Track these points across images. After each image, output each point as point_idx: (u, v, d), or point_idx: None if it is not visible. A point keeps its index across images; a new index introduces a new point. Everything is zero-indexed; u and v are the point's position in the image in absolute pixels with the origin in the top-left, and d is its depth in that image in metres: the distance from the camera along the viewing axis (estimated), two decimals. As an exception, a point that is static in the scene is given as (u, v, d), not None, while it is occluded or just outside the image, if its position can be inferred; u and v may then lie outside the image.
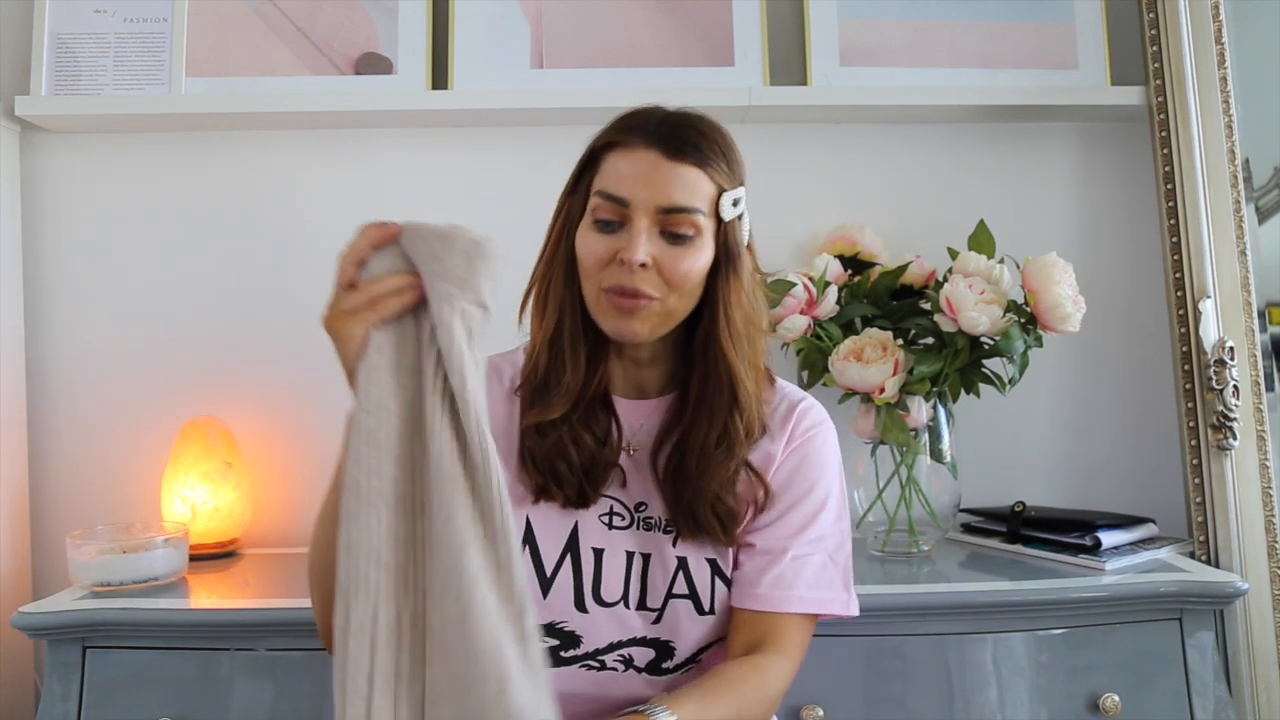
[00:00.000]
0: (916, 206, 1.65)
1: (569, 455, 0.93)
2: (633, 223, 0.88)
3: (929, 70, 1.61)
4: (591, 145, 0.93)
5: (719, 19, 1.61)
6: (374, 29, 1.60)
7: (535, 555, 0.94)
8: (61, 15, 1.57)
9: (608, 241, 0.89)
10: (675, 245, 0.88)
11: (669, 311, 0.91)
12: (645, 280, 0.88)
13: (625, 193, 0.88)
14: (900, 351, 1.37)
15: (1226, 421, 1.44)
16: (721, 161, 0.90)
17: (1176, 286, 1.50)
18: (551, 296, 0.94)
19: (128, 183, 1.63)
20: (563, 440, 0.93)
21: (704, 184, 0.89)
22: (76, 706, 1.20)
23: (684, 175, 0.88)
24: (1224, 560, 1.42)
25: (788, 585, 0.93)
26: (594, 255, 0.89)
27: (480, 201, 1.64)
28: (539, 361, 0.94)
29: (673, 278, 0.88)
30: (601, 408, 0.96)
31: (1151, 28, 1.54)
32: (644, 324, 0.90)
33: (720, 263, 0.91)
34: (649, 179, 0.87)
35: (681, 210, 0.88)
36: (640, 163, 0.88)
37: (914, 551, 1.43)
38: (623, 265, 0.87)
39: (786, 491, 0.96)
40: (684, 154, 0.88)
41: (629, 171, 0.88)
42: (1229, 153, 1.50)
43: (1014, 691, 1.23)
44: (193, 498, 1.50)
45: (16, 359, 1.57)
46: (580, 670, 0.94)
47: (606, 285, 0.89)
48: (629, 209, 0.88)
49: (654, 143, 0.88)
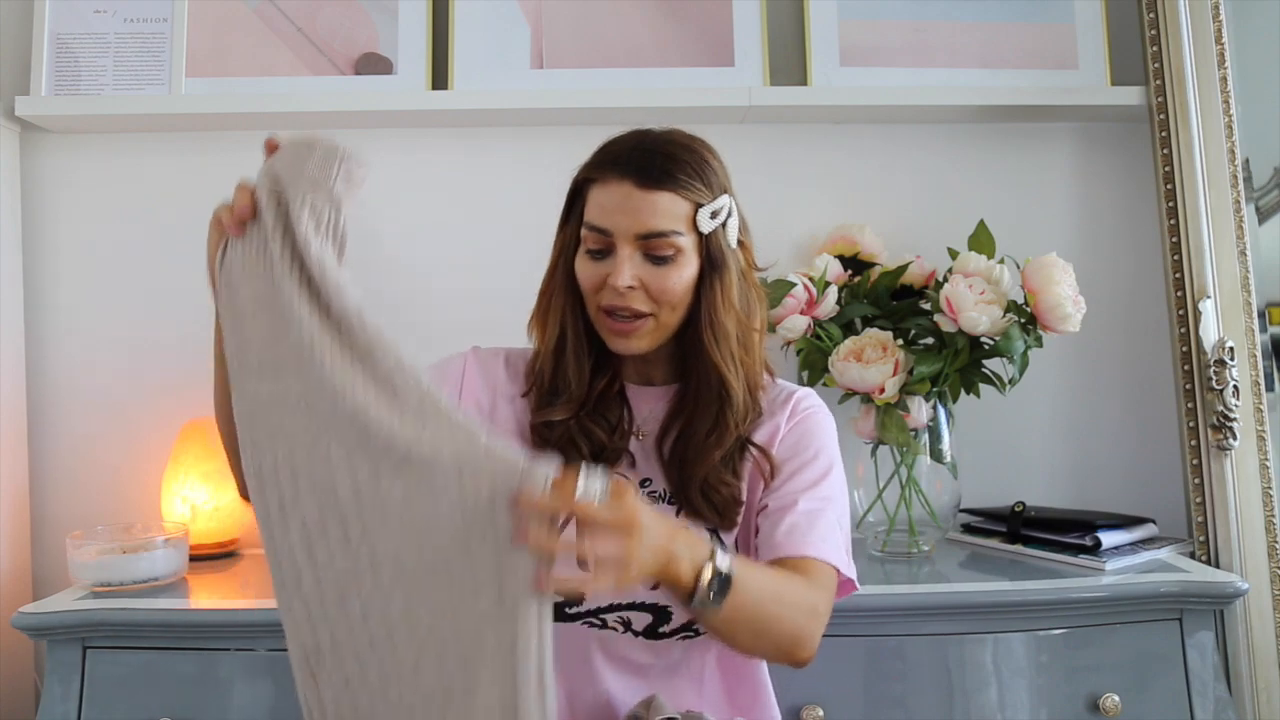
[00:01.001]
0: (916, 206, 1.65)
1: (577, 446, 0.99)
2: (617, 250, 0.95)
3: (929, 70, 1.61)
4: (575, 180, 1.01)
5: (719, 19, 1.61)
6: (374, 29, 1.60)
7: None
8: (61, 15, 1.57)
9: (598, 267, 0.97)
10: (658, 265, 0.95)
11: (663, 325, 0.98)
12: (635, 299, 0.96)
13: (607, 224, 0.95)
14: (900, 352, 1.37)
15: (1226, 422, 1.44)
16: (695, 180, 0.95)
17: (1176, 286, 1.50)
18: (552, 314, 1.02)
19: (128, 183, 1.62)
20: (570, 433, 1.00)
21: (678, 205, 0.95)
22: (76, 706, 1.20)
23: (656, 202, 0.94)
24: (1224, 560, 1.42)
25: (802, 533, 0.95)
26: (589, 281, 0.98)
27: (480, 201, 1.64)
28: (544, 369, 1.02)
29: (659, 295, 0.96)
30: (613, 397, 1.03)
31: (1151, 28, 1.54)
32: (641, 340, 0.98)
33: (705, 272, 0.98)
34: (625, 208, 0.94)
35: (658, 235, 0.94)
36: (616, 195, 0.95)
37: (914, 551, 1.43)
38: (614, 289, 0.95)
39: (793, 457, 1.01)
40: (657, 181, 0.94)
41: (608, 203, 0.96)
42: (1229, 153, 1.50)
43: (1014, 691, 1.23)
44: (193, 498, 1.50)
45: (16, 359, 1.57)
46: (583, 627, 0.98)
47: (604, 305, 0.97)
48: (612, 238, 0.95)
49: (627, 174, 0.95)
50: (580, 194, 1.00)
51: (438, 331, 1.61)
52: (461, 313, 1.60)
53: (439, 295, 1.63)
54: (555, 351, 1.01)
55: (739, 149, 1.04)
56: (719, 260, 0.97)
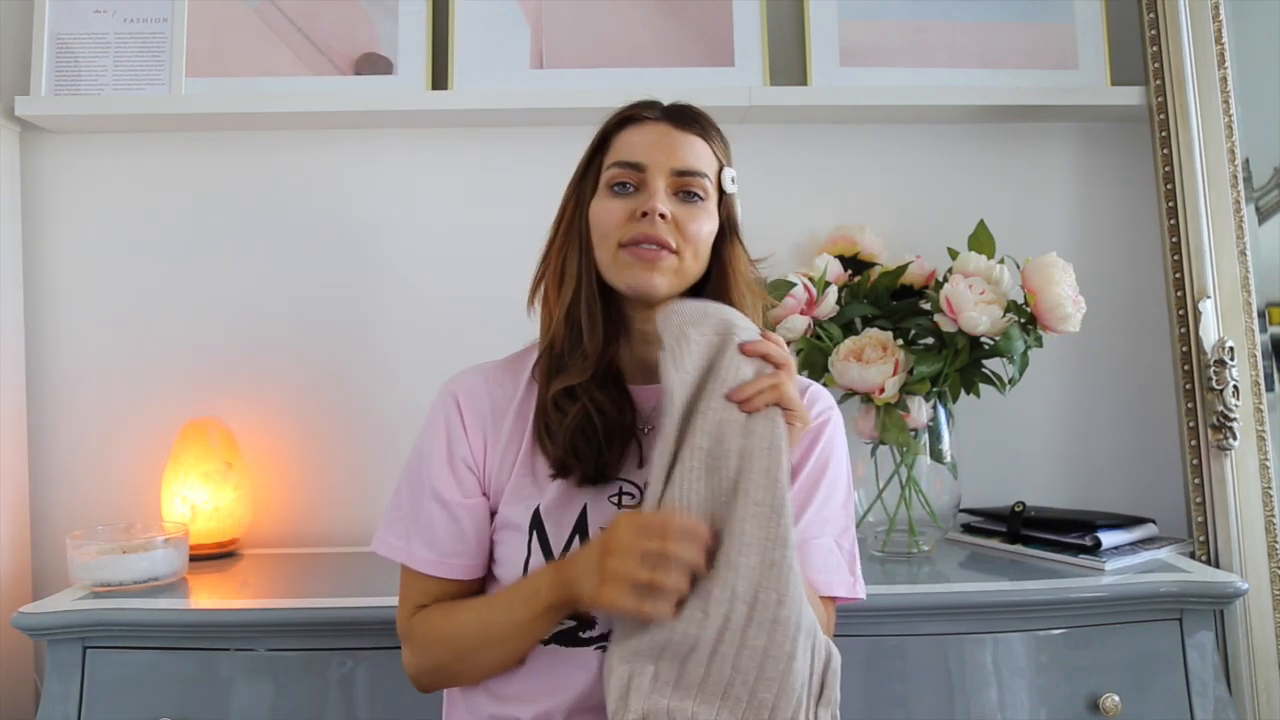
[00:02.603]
0: (916, 206, 1.65)
1: (591, 425, 0.94)
2: (649, 183, 0.95)
3: (929, 70, 1.61)
4: (603, 129, 1.01)
5: (719, 19, 1.61)
6: (374, 29, 1.60)
7: (543, 541, 0.95)
8: (61, 15, 1.57)
9: (624, 203, 0.95)
10: (688, 204, 0.96)
11: (684, 270, 0.96)
12: (665, 230, 0.93)
13: (641, 158, 0.95)
14: (900, 351, 1.37)
15: (1226, 422, 1.44)
16: (719, 139, 1.00)
17: (1176, 286, 1.50)
18: (567, 273, 0.98)
19: (128, 183, 1.63)
20: (585, 409, 0.95)
21: (709, 154, 0.98)
22: (76, 706, 1.20)
23: (693, 143, 0.97)
24: (1224, 560, 1.42)
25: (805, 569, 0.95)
26: (612, 216, 0.95)
27: (480, 201, 1.64)
28: (556, 335, 0.98)
29: (687, 232, 0.95)
30: (617, 388, 0.99)
31: (1151, 28, 1.54)
32: (663, 277, 0.94)
33: (725, 231, 0.99)
34: (662, 145, 0.96)
35: (693, 173, 0.96)
36: (653, 133, 0.97)
37: (914, 551, 1.44)
38: (644, 218, 0.93)
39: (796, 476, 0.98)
40: (691, 126, 0.98)
41: (643, 141, 0.96)
42: (1229, 153, 1.50)
43: (1014, 692, 1.23)
44: (193, 498, 1.50)
45: (16, 359, 1.57)
46: (595, 651, 0.94)
47: (626, 239, 0.94)
48: (645, 172, 0.95)
49: (663, 117, 0.98)
50: (605, 142, 0.99)
51: (438, 331, 1.62)
52: (461, 312, 1.61)
53: (439, 295, 1.63)
54: (569, 311, 0.97)
55: (739, 149, 1.03)
56: (735, 224, 1.00)
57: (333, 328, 1.63)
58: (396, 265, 1.63)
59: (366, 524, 1.60)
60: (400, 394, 1.61)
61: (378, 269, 1.63)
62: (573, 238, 0.99)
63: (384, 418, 1.61)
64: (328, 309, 1.63)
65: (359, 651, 1.22)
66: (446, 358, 1.16)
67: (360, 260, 1.63)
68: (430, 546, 0.97)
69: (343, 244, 1.63)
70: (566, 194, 1.02)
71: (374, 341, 1.63)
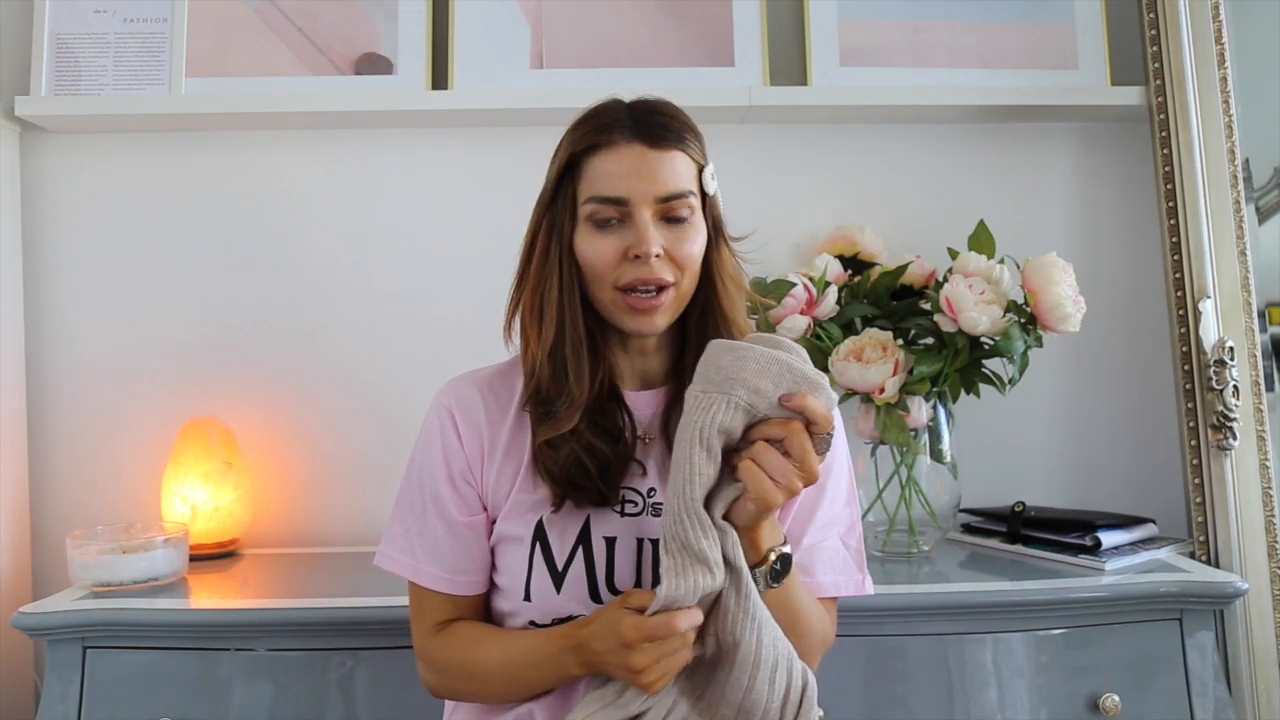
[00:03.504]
0: (916, 206, 1.65)
1: (584, 465, 0.92)
2: (635, 218, 0.90)
3: (928, 70, 1.61)
4: (569, 154, 0.93)
5: (719, 19, 1.61)
6: (374, 29, 1.60)
7: (546, 552, 0.94)
8: (61, 15, 1.57)
9: (612, 241, 0.91)
10: (676, 228, 0.91)
11: (680, 295, 0.93)
12: (661, 268, 0.90)
13: (622, 191, 0.90)
14: (900, 351, 1.37)
15: (1226, 422, 1.44)
16: (694, 140, 0.93)
17: (1176, 286, 1.50)
18: (546, 311, 0.93)
19: (128, 183, 1.63)
20: (575, 452, 0.92)
21: (688, 166, 0.92)
22: (76, 706, 1.20)
23: (672, 160, 0.91)
24: (1224, 560, 1.42)
25: (807, 573, 0.96)
26: (602, 257, 0.91)
27: (480, 202, 1.64)
28: (541, 375, 0.94)
29: (681, 260, 0.91)
30: (612, 404, 0.96)
31: (1151, 28, 1.54)
32: (663, 316, 0.93)
33: (711, 236, 0.95)
34: (641, 172, 0.90)
35: (678, 196, 0.91)
36: (627, 158, 0.90)
37: (914, 551, 1.44)
38: (638, 260, 0.90)
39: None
40: (665, 140, 0.91)
41: (618, 169, 0.90)
42: (1229, 153, 1.50)
43: (1014, 692, 1.23)
44: (193, 498, 1.50)
45: (16, 359, 1.57)
46: None
47: (623, 283, 0.91)
48: (629, 206, 0.90)
49: (634, 136, 0.91)
50: (574, 169, 0.93)
51: (438, 330, 1.62)
52: (461, 312, 1.61)
53: (439, 294, 1.63)
54: (553, 352, 0.93)
55: (739, 149, 1.04)
56: (721, 227, 0.96)
57: (333, 327, 1.63)
58: (397, 264, 1.63)
59: (366, 524, 1.60)
60: (401, 393, 1.60)
61: (378, 268, 1.63)
62: (550, 271, 0.93)
63: (384, 417, 1.61)
64: (328, 308, 1.63)
65: (359, 651, 1.22)
66: (447, 357, 1.16)
67: (360, 260, 1.63)
68: (437, 563, 0.97)
69: (343, 243, 1.64)
70: (535, 219, 0.97)
71: (374, 341, 1.63)
